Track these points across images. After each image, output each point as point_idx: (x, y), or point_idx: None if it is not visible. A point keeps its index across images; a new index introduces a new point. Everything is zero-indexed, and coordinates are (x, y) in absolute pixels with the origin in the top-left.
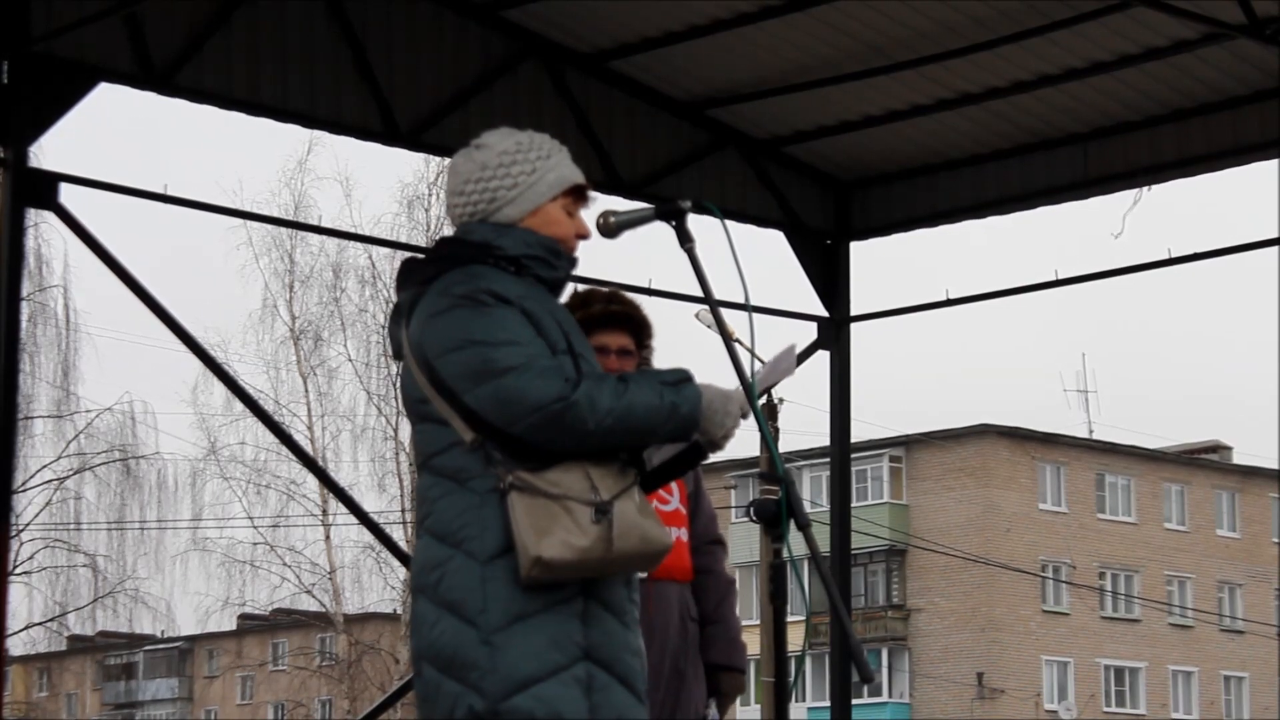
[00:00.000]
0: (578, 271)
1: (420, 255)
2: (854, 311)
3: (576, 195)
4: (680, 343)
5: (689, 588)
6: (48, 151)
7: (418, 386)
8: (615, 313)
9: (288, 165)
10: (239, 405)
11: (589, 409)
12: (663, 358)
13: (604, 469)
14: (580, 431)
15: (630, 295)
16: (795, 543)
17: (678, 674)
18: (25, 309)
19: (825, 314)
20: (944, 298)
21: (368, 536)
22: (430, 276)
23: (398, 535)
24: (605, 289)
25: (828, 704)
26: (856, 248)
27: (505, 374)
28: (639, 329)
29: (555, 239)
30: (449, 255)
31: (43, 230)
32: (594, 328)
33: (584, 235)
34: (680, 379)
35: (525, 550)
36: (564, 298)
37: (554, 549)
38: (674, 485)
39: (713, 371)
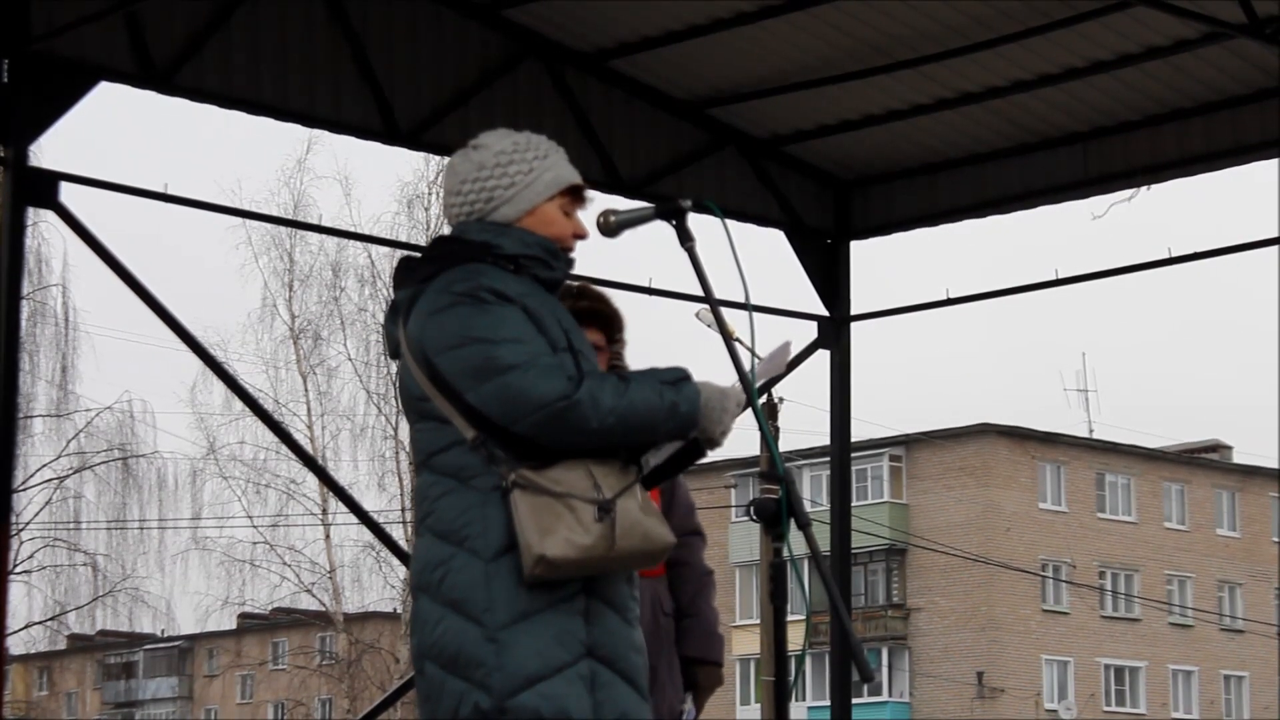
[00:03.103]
0: (580, 272)
1: (417, 254)
2: (854, 311)
3: (573, 195)
4: (680, 342)
5: (663, 581)
6: (48, 151)
7: (417, 384)
8: (583, 309)
9: (287, 164)
10: (238, 404)
11: (592, 408)
12: (663, 357)
13: (606, 467)
14: (583, 430)
15: (600, 289)
16: (795, 542)
17: (650, 670)
18: (25, 308)
19: (825, 313)
20: (944, 297)
21: (368, 535)
22: (429, 275)
23: (398, 534)
24: (575, 284)
25: (828, 703)
26: (856, 247)
27: (508, 372)
28: (608, 324)
29: (552, 239)
30: (447, 254)
31: (42, 229)
32: None
33: (581, 235)
34: (679, 378)
35: (529, 549)
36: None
37: (557, 547)
38: None
39: (712, 371)
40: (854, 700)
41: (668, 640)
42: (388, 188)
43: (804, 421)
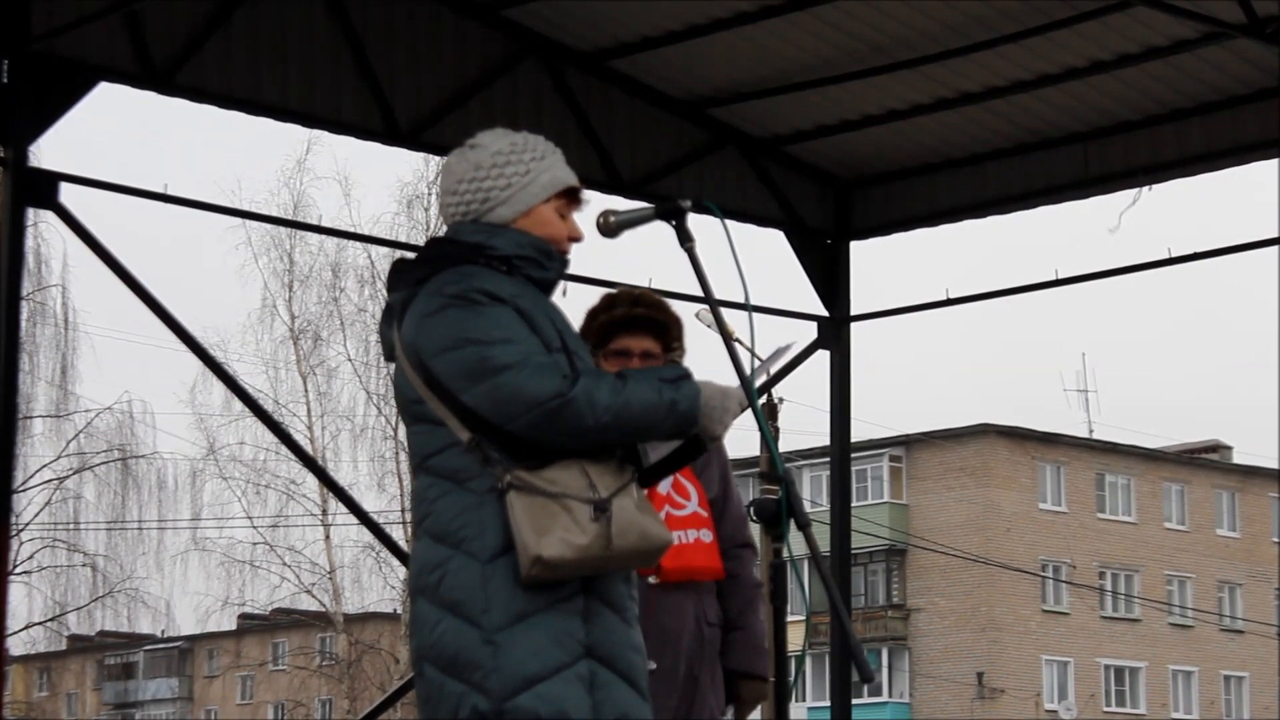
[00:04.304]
0: (580, 272)
1: (410, 256)
2: (854, 311)
3: (570, 197)
4: None
5: (709, 591)
6: (47, 151)
7: (412, 387)
8: (638, 315)
9: (287, 165)
10: (238, 405)
11: (587, 405)
12: None
13: (602, 466)
14: (578, 428)
15: (657, 296)
16: (795, 542)
17: (692, 679)
18: (25, 308)
19: (825, 314)
20: (944, 298)
21: (367, 536)
22: (422, 277)
23: (397, 535)
24: (636, 290)
25: (828, 704)
26: (856, 247)
27: (502, 371)
28: (664, 331)
29: (547, 240)
30: (441, 255)
31: (42, 230)
32: (617, 331)
33: (576, 238)
34: (678, 376)
35: (525, 549)
36: (572, 300)
37: (554, 548)
38: (690, 488)
39: (712, 372)
40: (854, 701)
41: (711, 650)
42: (387, 188)
43: (804, 422)
